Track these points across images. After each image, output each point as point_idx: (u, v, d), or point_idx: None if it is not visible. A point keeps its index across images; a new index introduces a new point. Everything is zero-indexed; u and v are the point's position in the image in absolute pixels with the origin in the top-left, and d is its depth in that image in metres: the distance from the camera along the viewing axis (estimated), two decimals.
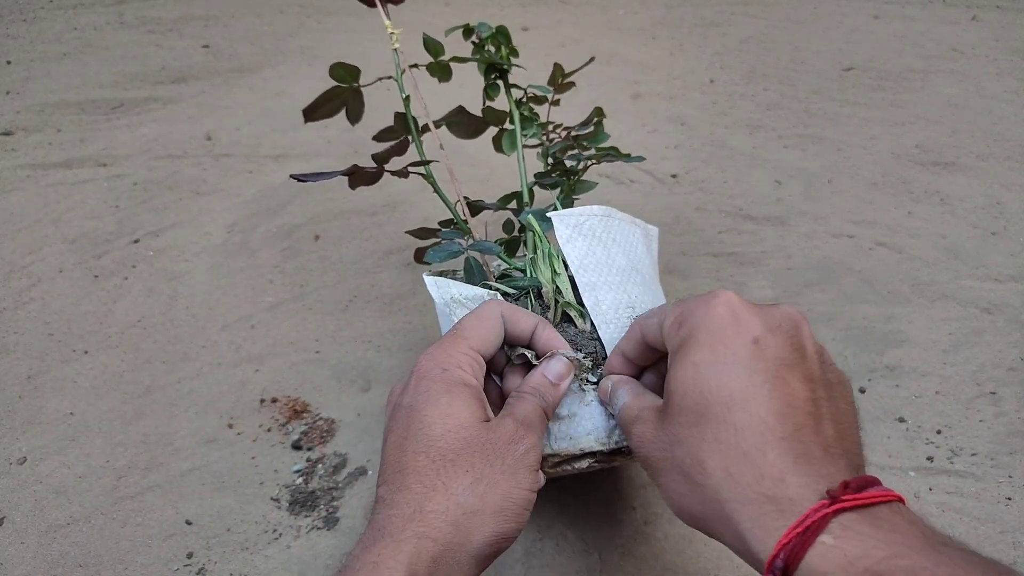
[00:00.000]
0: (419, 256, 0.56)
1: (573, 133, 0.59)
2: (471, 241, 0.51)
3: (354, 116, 0.53)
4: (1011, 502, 0.54)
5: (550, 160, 0.60)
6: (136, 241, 0.80)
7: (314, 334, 0.69)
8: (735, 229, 0.83)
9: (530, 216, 0.50)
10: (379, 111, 0.56)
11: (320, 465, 0.57)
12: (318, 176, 0.47)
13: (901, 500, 0.27)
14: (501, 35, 0.55)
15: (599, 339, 0.45)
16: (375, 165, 0.49)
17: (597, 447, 0.41)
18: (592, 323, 0.45)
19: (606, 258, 0.47)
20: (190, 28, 1.30)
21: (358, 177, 0.48)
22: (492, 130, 0.59)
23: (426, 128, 0.53)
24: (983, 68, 1.20)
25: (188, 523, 0.52)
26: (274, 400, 0.62)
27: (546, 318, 0.46)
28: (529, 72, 0.60)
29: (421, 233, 0.56)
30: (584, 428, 0.41)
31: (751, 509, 0.27)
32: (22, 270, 0.75)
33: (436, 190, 0.53)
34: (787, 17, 1.43)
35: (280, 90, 1.12)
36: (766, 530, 0.26)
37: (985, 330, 0.69)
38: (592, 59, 0.60)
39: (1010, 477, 0.55)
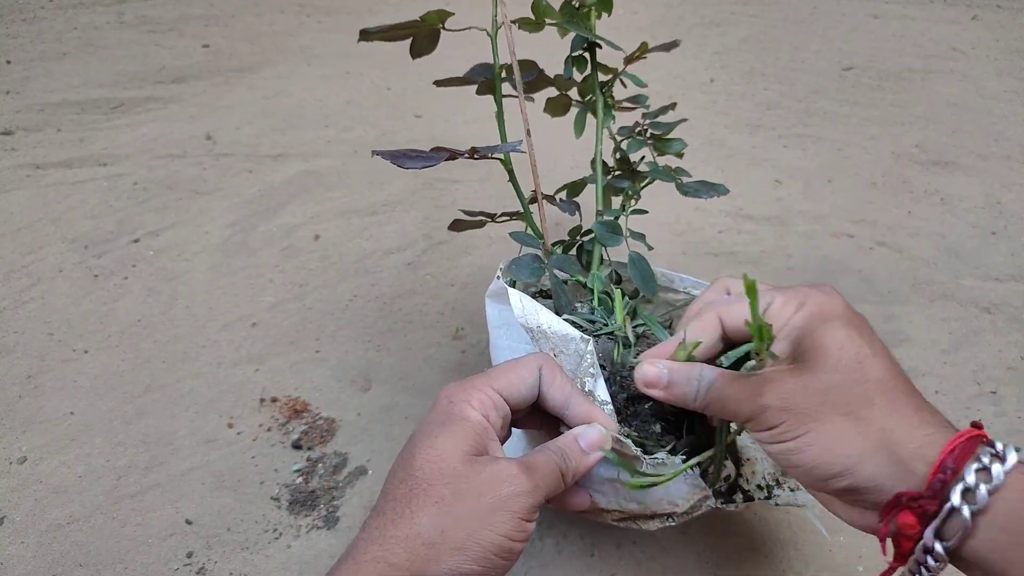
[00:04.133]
0: (456, 226, 0.52)
1: (647, 125, 0.54)
2: (550, 256, 0.47)
3: (418, 50, 0.47)
4: None
5: (618, 155, 0.56)
6: (136, 241, 0.80)
7: (314, 334, 0.69)
8: (735, 229, 0.83)
9: (599, 235, 0.47)
10: (379, 105, 0.56)
11: (320, 464, 0.57)
12: (415, 160, 0.41)
13: None
14: (604, 4, 0.50)
15: (691, 416, 0.41)
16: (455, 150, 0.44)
17: (670, 509, 0.41)
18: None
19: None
20: (190, 28, 1.30)
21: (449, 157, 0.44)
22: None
23: (511, 95, 0.48)
24: (983, 68, 1.20)
25: (188, 522, 0.52)
26: (274, 400, 0.62)
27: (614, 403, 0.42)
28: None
29: (472, 213, 0.52)
30: (655, 496, 0.40)
31: (918, 433, 0.31)
32: (22, 270, 0.75)
33: (511, 179, 0.48)
34: (787, 17, 1.43)
35: (280, 90, 1.12)
36: (933, 447, 0.30)
37: (985, 330, 0.69)
38: (677, 42, 0.54)
39: None
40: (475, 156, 0.44)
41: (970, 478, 0.28)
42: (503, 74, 0.48)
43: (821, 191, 0.90)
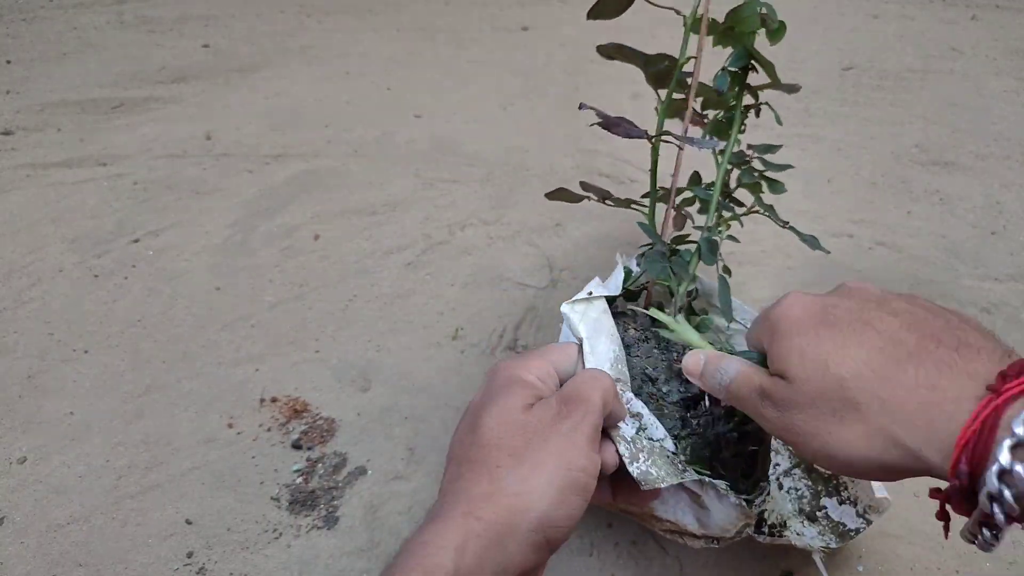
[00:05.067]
0: (555, 195, 0.53)
1: (754, 157, 0.55)
2: (672, 256, 0.48)
3: (598, 12, 0.46)
4: None
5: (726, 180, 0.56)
6: (136, 241, 0.80)
7: (314, 334, 0.69)
8: (734, 229, 0.83)
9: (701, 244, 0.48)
10: (379, 105, 0.56)
11: (320, 464, 0.57)
12: (620, 127, 0.42)
13: None
14: (776, 33, 0.50)
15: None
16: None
17: (720, 534, 0.42)
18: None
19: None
20: (190, 28, 1.30)
21: (625, 131, 0.44)
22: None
23: (684, 85, 0.48)
24: (982, 68, 1.20)
25: (188, 522, 0.52)
26: (274, 400, 0.62)
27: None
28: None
29: (588, 187, 0.53)
30: (715, 520, 0.41)
31: (918, 423, 0.27)
32: (22, 270, 0.75)
33: (653, 169, 0.49)
34: (787, 17, 1.43)
35: (280, 90, 1.12)
36: (940, 438, 0.26)
37: None
38: (798, 87, 0.55)
39: None
40: (652, 139, 0.45)
41: (992, 482, 0.24)
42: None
43: (821, 191, 0.90)
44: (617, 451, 0.39)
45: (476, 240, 0.81)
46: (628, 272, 0.53)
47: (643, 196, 0.50)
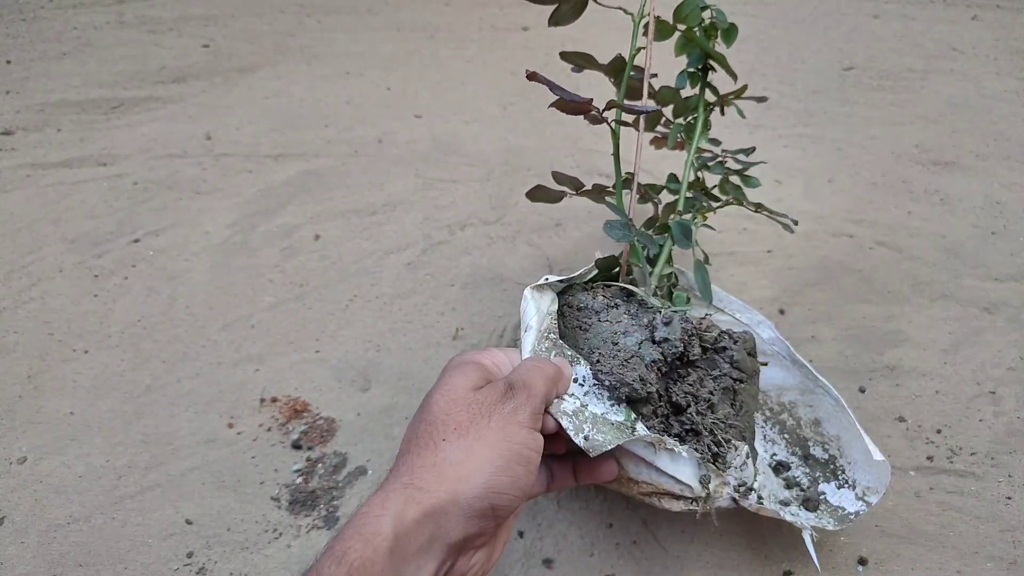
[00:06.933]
0: (532, 193, 0.55)
1: (727, 156, 0.58)
2: (636, 228, 0.50)
3: (558, 19, 0.49)
4: (1011, 501, 0.54)
5: (699, 174, 0.59)
6: (136, 241, 0.80)
7: (314, 334, 0.69)
8: (735, 228, 0.83)
9: (673, 226, 0.50)
10: (379, 105, 0.56)
11: (320, 464, 0.57)
12: (563, 91, 0.44)
13: None
14: (728, 33, 0.53)
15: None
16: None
17: (696, 494, 0.42)
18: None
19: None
20: (190, 28, 1.30)
21: (575, 107, 0.46)
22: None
23: (636, 87, 0.50)
24: (983, 68, 1.20)
25: (188, 522, 0.52)
26: (274, 400, 0.62)
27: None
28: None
29: (560, 180, 0.55)
30: (686, 476, 0.42)
31: None
32: (22, 270, 0.75)
33: (615, 151, 0.51)
34: (787, 17, 1.43)
35: (280, 90, 1.12)
36: None
37: (985, 330, 0.69)
38: (765, 98, 0.60)
39: (1010, 476, 0.56)
40: (599, 112, 0.46)
41: None
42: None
43: (821, 191, 0.90)
44: (559, 424, 0.40)
45: (476, 240, 0.81)
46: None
47: (612, 186, 0.53)
